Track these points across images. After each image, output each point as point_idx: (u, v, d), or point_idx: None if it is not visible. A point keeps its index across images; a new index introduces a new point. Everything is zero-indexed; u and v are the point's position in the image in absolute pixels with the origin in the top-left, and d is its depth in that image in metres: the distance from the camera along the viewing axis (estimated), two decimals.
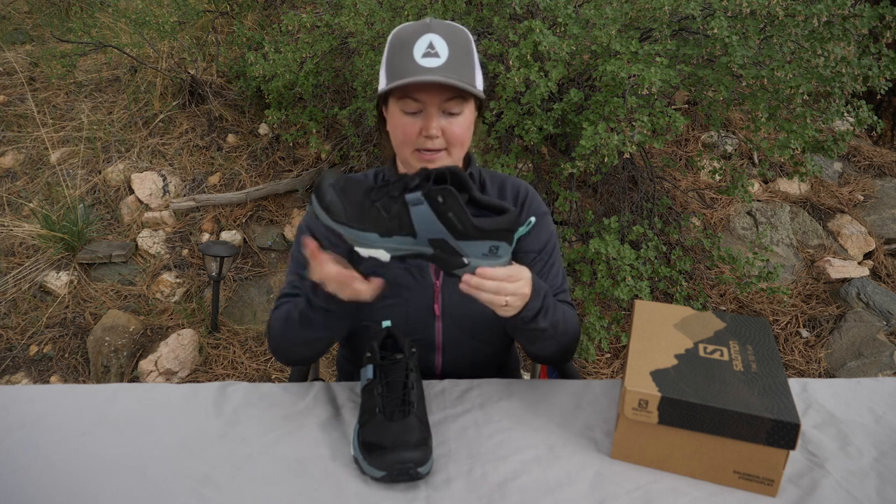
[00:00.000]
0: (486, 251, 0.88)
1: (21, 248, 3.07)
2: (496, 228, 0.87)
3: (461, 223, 0.86)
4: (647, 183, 3.11)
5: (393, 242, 0.89)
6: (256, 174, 3.49)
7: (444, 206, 0.85)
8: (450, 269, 0.91)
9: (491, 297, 0.92)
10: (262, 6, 4.17)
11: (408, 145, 1.10)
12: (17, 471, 0.90)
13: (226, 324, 2.91)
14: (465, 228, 0.86)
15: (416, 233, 0.88)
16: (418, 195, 0.86)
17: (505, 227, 0.88)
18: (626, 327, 2.65)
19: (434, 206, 0.86)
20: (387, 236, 0.89)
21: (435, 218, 0.86)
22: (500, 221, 0.87)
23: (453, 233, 0.87)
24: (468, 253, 0.88)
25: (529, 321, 1.01)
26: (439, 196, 0.85)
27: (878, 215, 3.51)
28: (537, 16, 2.64)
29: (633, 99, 2.23)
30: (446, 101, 1.07)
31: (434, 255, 0.90)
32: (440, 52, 1.05)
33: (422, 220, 0.87)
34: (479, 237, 0.87)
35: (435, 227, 0.87)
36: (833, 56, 2.16)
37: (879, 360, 2.74)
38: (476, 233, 0.87)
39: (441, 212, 0.86)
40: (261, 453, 0.95)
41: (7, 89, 3.91)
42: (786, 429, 0.84)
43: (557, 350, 1.13)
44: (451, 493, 0.88)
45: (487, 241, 0.88)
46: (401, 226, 0.88)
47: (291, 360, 1.17)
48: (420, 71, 1.03)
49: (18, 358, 2.71)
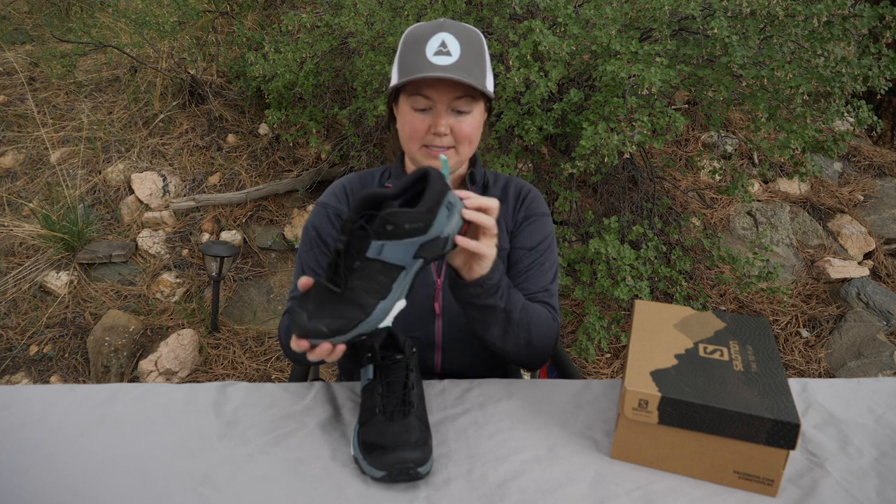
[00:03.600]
0: (446, 214, 0.88)
1: (21, 248, 3.07)
2: (433, 193, 0.87)
3: (415, 221, 0.86)
4: (647, 183, 3.11)
5: (396, 291, 0.88)
6: (256, 174, 3.49)
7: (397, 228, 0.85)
8: (441, 252, 0.90)
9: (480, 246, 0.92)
10: (262, 6, 4.17)
11: (416, 141, 1.11)
12: (17, 471, 0.90)
13: (226, 324, 2.91)
14: (421, 221, 0.86)
15: (403, 265, 0.87)
16: (377, 244, 0.85)
17: (433, 184, 0.87)
18: (626, 327, 2.65)
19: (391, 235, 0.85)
20: (388, 293, 0.88)
21: (401, 243, 0.86)
22: (428, 187, 0.88)
23: (419, 233, 0.87)
24: (438, 232, 0.88)
25: (489, 293, 1.00)
26: (387, 225, 0.84)
27: (878, 215, 3.51)
28: (537, 16, 2.64)
29: (633, 99, 2.23)
30: (456, 99, 1.08)
31: (427, 260, 0.89)
32: (452, 50, 1.05)
33: (395, 253, 0.86)
34: (433, 211, 0.87)
35: (408, 247, 0.87)
36: (833, 56, 2.16)
37: (879, 360, 2.74)
38: (428, 212, 0.86)
39: (398, 233, 0.85)
40: (261, 453, 0.95)
41: (7, 89, 3.91)
42: (786, 429, 0.84)
43: (519, 345, 1.09)
44: (451, 493, 0.88)
45: (440, 207, 0.87)
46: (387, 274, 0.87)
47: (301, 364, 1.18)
48: (431, 68, 1.04)
49: (18, 358, 2.71)
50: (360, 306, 0.86)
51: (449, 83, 1.06)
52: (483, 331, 1.07)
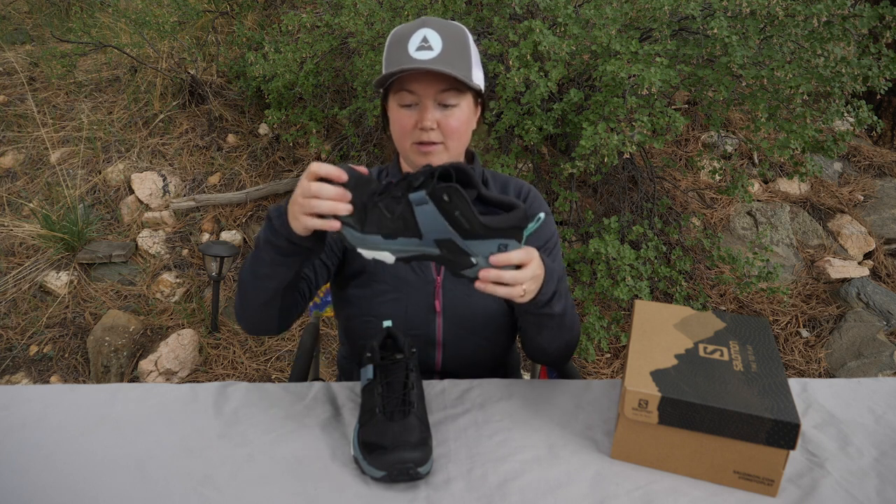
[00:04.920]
0: (495, 249, 0.84)
1: (21, 248, 3.07)
2: (505, 226, 0.83)
3: (468, 222, 0.82)
4: (647, 183, 3.11)
5: (397, 244, 0.86)
6: (256, 174, 3.49)
7: (450, 205, 0.81)
8: (457, 269, 0.87)
9: (509, 291, 0.89)
10: (262, 6, 4.17)
11: (406, 138, 1.11)
12: (17, 471, 0.90)
13: (226, 324, 2.91)
14: (472, 227, 0.82)
15: (422, 234, 0.84)
16: (422, 194, 0.82)
17: (514, 224, 0.83)
18: (625, 327, 2.65)
19: (439, 206, 0.82)
20: (391, 238, 0.85)
21: (441, 217, 0.82)
22: (508, 219, 0.83)
23: (460, 232, 0.83)
24: (476, 252, 0.84)
25: (544, 305, 1.00)
26: (445, 195, 0.81)
27: (878, 215, 3.51)
28: (537, 16, 2.63)
29: (633, 99, 2.23)
30: (441, 92, 1.08)
31: (440, 256, 0.86)
32: (434, 45, 1.06)
33: (427, 220, 0.83)
34: (488, 235, 0.83)
35: (441, 227, 0.83)
36: (833, 56, 2.16)
37: (879, 360, 2.74)
38: (484, 231, 0.82)
39: (447, 211, 0.82)
40: (261, 453, 0.95)
41: (7, 89, 3.91)
42: (786, 429, 0.84)
43: (560, 346, 1.12)
44: (451, 493, 0.88)
45: (496, 239, 0.83)
46: (406, 227, 0.84)
47: (245, 308, 1.10)
48: (413, 63, 1.05)
49: (18, 358, 2.71)
50: (363, 220, 0.85)
51: (432, 76, 1.07)
52: (535, 334, 1.09)
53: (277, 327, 1.13)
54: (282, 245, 0.98)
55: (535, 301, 0.98)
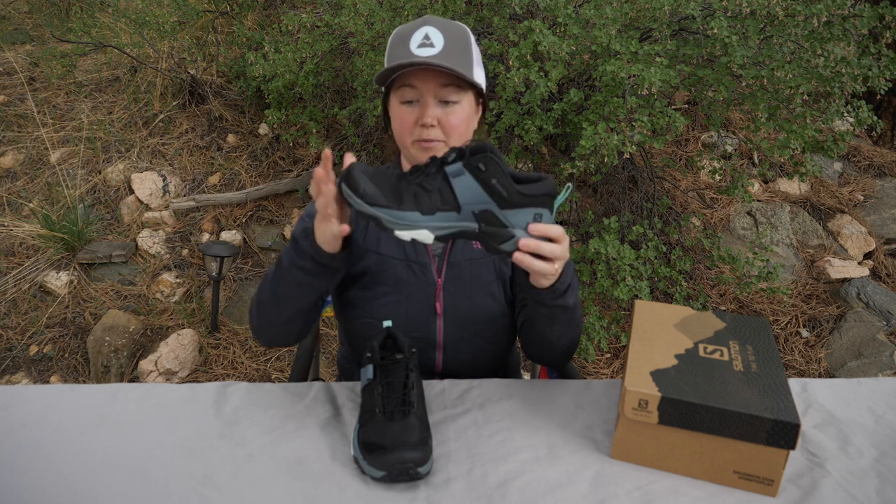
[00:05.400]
0: (531, 219, 0.87)
1: (21, 248, 3.07)
2: (539, 193, 0.85)
3: (505, 189, 0.83)
4: (647, 183, 3.11)
5: (436, 220, 0.86)
6: (256, 174, 3.49)
7: (487, 174, 0.83)
8: (496, 243, 0.88)
9: (544, 266, 0.89)
10: (262, 6, 4.17)
11: (406, 135, 1.12)
12: (17, 471, 0.90)
13: (226, 324, 2.91)
14: (509, 195, 0.84)
15: (461, 206, 0.86)
16: (459, 166, 0.84)
17: (547, 191, 0.86)
18: (625, 327, 2.65)
19: (476, 175, 0.83)
20: (429, 214, 0.86)
21: (478, 187, 0.84)
22: (541, 186, 0.86)
23: (498, 201, 0.85)
24: (513, 223, 0.86)
25: (560, 296, 1.01)
26: (480, 164, 0.83)
27: (878, 215, 3.51)
28: (537, 16, 2.63)
29: (632, 99, 2.23)
30: (442, 87, 1.08)
31: (480, 231, 0.87)
32: (435, 42, 1.07)
33: (465, 190, 0.84)
34: (524, 203, 0.85)
35: (479, 198, 0.84)
36: (833, 56, 2.16)
37: (879, 360, 2.74)
38: (521, 198, 0.84)
39: (484, 180, 0.83)
40: (261, 453, 0.95)
41: (7, 89, 3.91)
42: (786, 429, 0.84)
43: (568, 342, 1.12)
44: (451, 493, 0.88)
45: (532, 207, 0.86)
46: (443, 201, 0.85)
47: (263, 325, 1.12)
48: (414, 59, 1.05)
49: (18, 358, 2.71)
50: (399, 199, 0.86)
51: (433, 72, 1.07)
52: (546, 327, 1.09)
53: (296, 340, 1.16)
54: (308, 266, 1.00)
55: (554, 289, 0.99)
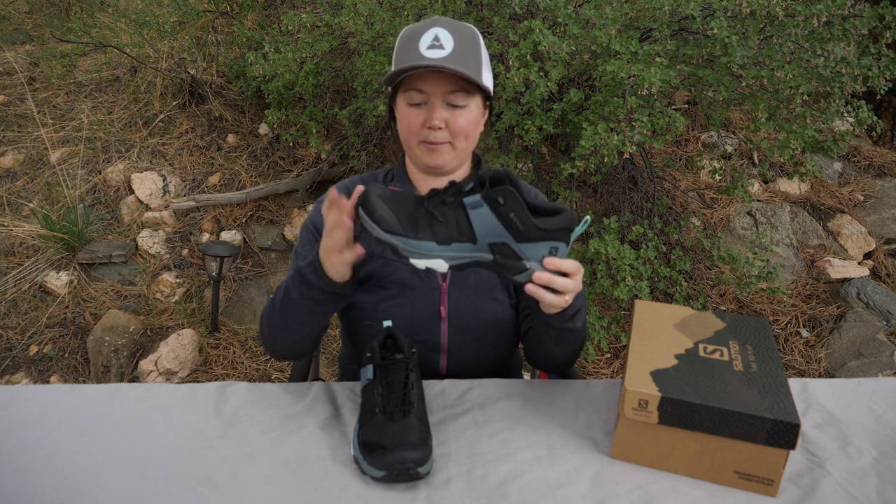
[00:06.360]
0: (547, 253, 0.86)
1: (21, 248, 3.07)
2: (556, 228, 0.85)
3: (523, 223, 0.83)
4: (647, 183, 3.11)
5: (451, 250, 0.86)
6: (256, 174, 3.49)
7: (505, 207, 0.82)
8: (510, 274, 0.88)
9: (555, 298, 0.90)
10: (262, 6, 4.17)
11: (413, 137, 1.12)
12: (17, 471, 0.90)
13: (226, 324, 2.91)
14: (526, 229, 0.84)
15: (477, 238, 0.85)
16: (478, 198, 0.83)
17: (564, 225, 0.85)
18: (626, 327, 2.65)
19: (494, 208, 0.83)
20: (445, 244, 0.85)
21: (496, 220, 0.83)
22: (558, 220, 0.85)
23: (514, 234, 0.84)
24: (529, 256, 0.86)
25: (569, 319, 1.02)
26: (500, 197, 0.82)
27: (878, 215, 3.51)
28: (537, 16, 2.63)
29: (632, 99, 2.23)
30: (450, 92, 1.08)
31: (494, 262, 0.87)
32: (445, 44, 1.06)
33: (482, 223, 0.84)
34: (540, 238, 0.85)
35: (496, 230, 0.84)
36: (833, 56, 2.16)
37: (879, 360, 2.74)
38: (537, 233, 0.84)
39: (502, 213, 0.83)
40: (261, 453, 0.95)
41: (7, 89, 3.91)
42: (786, 429, 0.84)
43: (570, 356, 1.13)
44: (451, 493, 0.88)
45: (548, 241, 0.85)
46: (459, 231, 0.85)
47: (276, 346, 1.14)
48: (424, 61, 1.04)
49: (18, 358, 2.71)
50: (415, 226, 0.85)
51: (442, 76, 1.06)
52: (553, 346, 1.09)
53: (309, 353, 1.18)
54: (316, 297, 1.01)
55: (563, 314, 1.00)
